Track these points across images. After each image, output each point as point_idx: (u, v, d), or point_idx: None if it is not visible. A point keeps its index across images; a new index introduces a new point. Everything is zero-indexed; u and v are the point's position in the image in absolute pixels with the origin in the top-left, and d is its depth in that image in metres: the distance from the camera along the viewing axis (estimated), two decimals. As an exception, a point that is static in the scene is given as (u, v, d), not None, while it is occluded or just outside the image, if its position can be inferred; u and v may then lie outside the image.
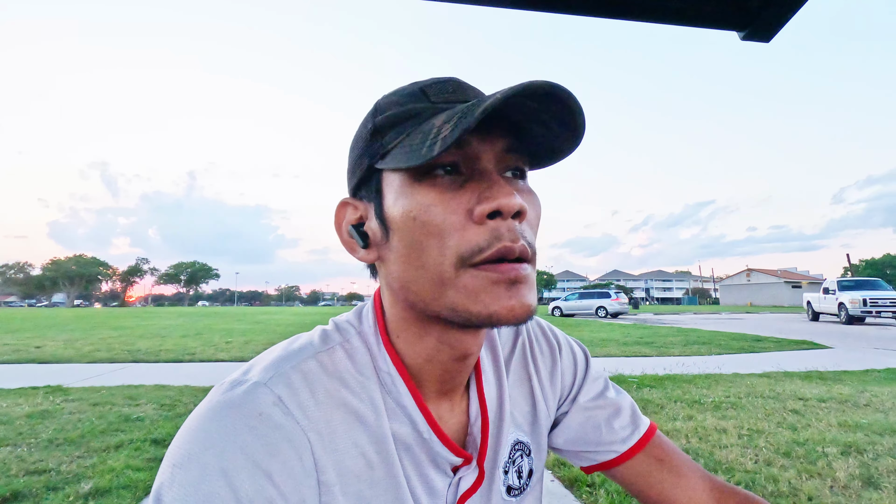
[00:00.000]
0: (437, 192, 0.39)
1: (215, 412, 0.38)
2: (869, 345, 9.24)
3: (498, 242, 0.38)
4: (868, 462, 2.81)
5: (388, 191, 0.42)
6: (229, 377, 0.42)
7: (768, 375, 5.77)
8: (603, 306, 22.45)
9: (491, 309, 0.38)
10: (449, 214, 0.38)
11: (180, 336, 11.42)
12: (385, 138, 0.42)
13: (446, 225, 0.38)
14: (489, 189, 0.38)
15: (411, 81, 0.45)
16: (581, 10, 0.87)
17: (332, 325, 0.49)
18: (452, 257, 0.38)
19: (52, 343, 9.65)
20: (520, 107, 0.37)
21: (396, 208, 0.41)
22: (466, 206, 0.39)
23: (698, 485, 0.57)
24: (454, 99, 0.42)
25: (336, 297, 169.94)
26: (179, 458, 0.36)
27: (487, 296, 0.38)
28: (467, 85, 0.44)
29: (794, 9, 0.88)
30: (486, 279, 0.38)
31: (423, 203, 0.39)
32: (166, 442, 3.22)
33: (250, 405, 0.38)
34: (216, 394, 0.40)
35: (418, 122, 0.41)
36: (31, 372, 6.20)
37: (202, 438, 0.36)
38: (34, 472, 2.66)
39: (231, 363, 7.10)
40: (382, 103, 0.44)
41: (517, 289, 0.38)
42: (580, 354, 0.63)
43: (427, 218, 0.39)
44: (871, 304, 14.78)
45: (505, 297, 0.38)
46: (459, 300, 0.39)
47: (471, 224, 0.38)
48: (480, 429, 0.50)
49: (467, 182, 0.40)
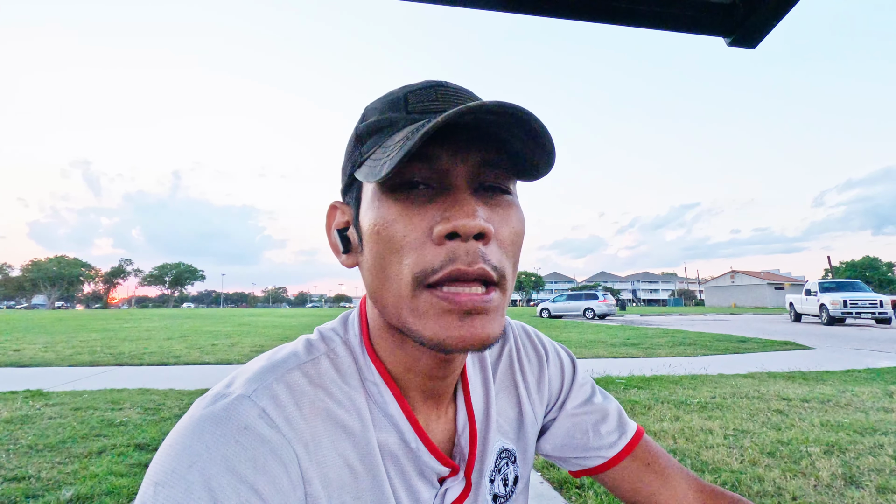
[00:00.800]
0: (401, 207, 0.38)
1: (198, 427, 0.36)
2: (849, 345, 9.43)
3: (451, 265, 0.36)
4: (850, 461, 2.86)
5: (363, 199, 0.42)
6: (211, 390, 0.41)
7: (753, 376, 5.85)
8: (591, 308, 22.64)
9: (440, 337, 0.36)
10: (410, 231, 0.37)
11: (165, 339, 11.22)
12: (364, 146, 0.42)
13: (405, 242, 0.37)
14: (451, 208, 0.37)
15: (402, 85, 0.44)
16: (570, 15, 0.88)
17: (317, 335, 0.48)
18: (408, 276, 0.37)
19: (31, 346, 9.41)
20: (493, 122, 0.36)
21: (366, 219, 0.41)
22: (429, 224, 0.37)
23: (686, 488, 0.57)
24: (434, 108, 0.40)
25: (324, 299, 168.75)
26: (162, 476, 0.34)
27: (437, 323, 0.37)
28: (456, 90, 0.42)
29: (779, 16, 0.89)
30: (439, 306, 0.36)
31: (388, 218, 0.38)
32: (150, 447, 3.16)
33: (234, 419, 0.37)
34: (198, 408, 0.39)
35: (388, 134, 0.40)
36: (10, 376, 6.03)
37: (185, 454, 0.35)
38: (13, 479, 2.59)
39: (217, 366, 6.99)
40: (368, 109, 0.44)
41: (472, 319, 0.36)
42: (567, 361, 0.63)
43: (389, 233, 0.38)
44: (851, 306, 15.13)
45: (456, 327, 0.36)
46: (412, 322, 0.38)
47: (430, 243, 0.37)
48: (468, 439, 0.50)
49: (435, 198, 0.38)
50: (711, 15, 0.92)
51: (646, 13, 0.90)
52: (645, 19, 0.90)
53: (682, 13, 0.91)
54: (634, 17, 0.90)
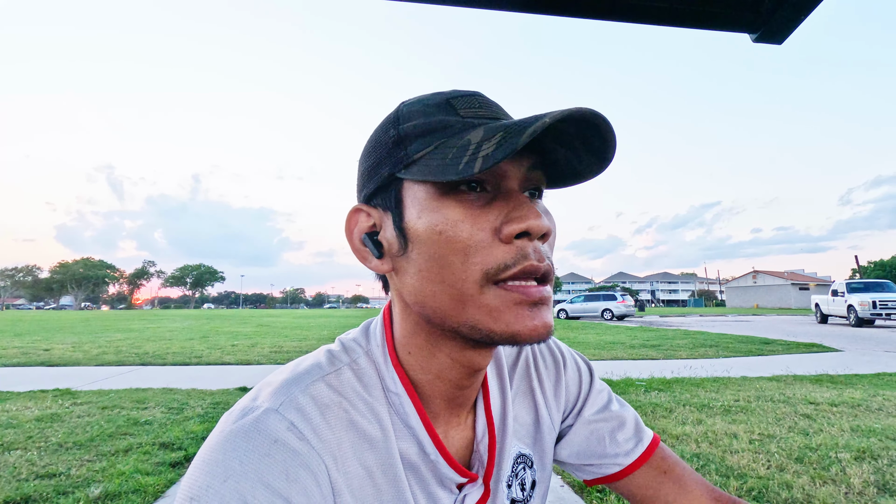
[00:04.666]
0: (464, 208, 0.39)
1: (229, 442, 0.37)
2: (879, 348, 9.12)
3: (524, 261, 0.38)
4: (883, 468, 2.77)
5: (410, 202, 0.41)
6: (238, 404, 0.41)
7: (778, 379, 5.70)
8: (609, 308, 22.34)
9: (513, 328, 0.38)
10: (477, 231, 0.38)
11: (187, 339, 11.46)
12: (410, 147, 0.41)
13: (473, 242, 0.38)
14: (518, 209, 0.39)
15: (433, 91, 0.45)
16: (592, 14, 0.87)
17: (339, 345, 0.49)
18: (477, 274, 0.38)
19: (60, 346, 9.72)
20: (551, 129, 0.37)
21: (421, 222, 0.40)
22: (493, 225, 0.39)
23: (702, 497, 0.57)
24: (483, 115, 0.41)
25: (341, 300, 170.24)
26: (197, 491, 0.35)
27: (510, 315, 0.38)
28: (491, 101, 0.44)
29: (807, 11, 0.87)
30: (509, 299, 0.38)
31: (451, 218, 0.39)
32: (175, 446, 3.23)
33: (264, 433, 0.38)
34: (228, 422, 0.39)
35: (448, 135, 0.40)
36: (40, 375, 6.24)
37: (219, 469, 0.35)
38: (44, 476, 2.67)
39: (237, 366, 7.12)
40: (407, 111, 0.43)
41: (539, 310, 0.39)
42: (584, 368, 0.63)
43: (454, 234, 0.39)
44: (880, 307, 14.60)
45: (528, 317, 0.38)
46: (481, 318, 0.39)
47: (497, 242, 0.39)
48: (487, 447, 0.50)
49: (493, 200, 0.40)
50: (737, 11, 0.90)
51: (670, 11, 0.88)
52: (669, 17, 0.89)
53: (706, 10, 0.89)
54: (658, 16, 0.88)
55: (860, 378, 5.73)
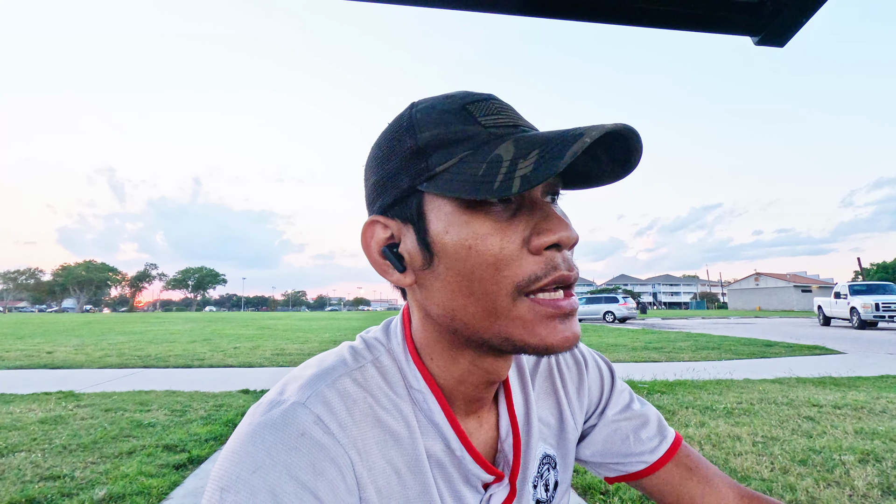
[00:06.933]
0: (492, 221, 0.39)
1: (258, 434, 0.38)
2: (882, 350, 9.08)
3: (555, 272, 0.38)
4: (887, 470, 2.76)
5: (434, 216, 0.40)
6: (265, 397, 0.42)
7: (781, 381, 5.69)
8: (611, 311, 22.29)
9: (548, 341, 0.39)
10: (507, 244, 0.38)
11: (189, 341, 11.47)
12: (431, 159, 0.40)
13: (503, 255, 0.38)
14: (546, 220, 0.39)
15: (444, 93, 0.43)
16: (598, 18, 0.88)
17: (361, 342, 0.49)
18: (509, 287, 0.38)
19: (63, 348, 9.74)
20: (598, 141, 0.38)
21: (449, 237, 0.39)
22: (522, 236, 0.39)
23: (728, 493, 0.57)
24: (502, 122, 0.40)
25: (342, 302, 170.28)
26: (227, 482, 0.35)
27: (544, 329, 0.39)
28: (507, 104, 0.42)
29: (809, 14, 0.87)
30: (543, 312, 0.38)
31: (480, 233, 0.38)
32: (178, 448, 3.23)
33: (292, 425, 0.38)
34: (255, 415, 0.40)
35: (472, 147, 0.39)
36: (43, 377, 6.26)
37: (249, 461, 0.36)
38: (49, 478, 2.68)
39: (239, 368, 7.13)
40: (421, 118, 0.41)
41: (569, 321, 0.39)
42: (605, 369, 0.63)
43: (484, 248, 0.38)
44: (883, 309, 14.56)
45: (560, 329, 0.39)
46: (514, 330, 0.39)
47: (527, 254, 0.39)
48: (512, 446, 0.50)
49: (519, 210, 0.40)
50: (738, 14, 0.90)
51: (672, 15, 0.88)
52: (671, 21, 0.89)
53: (708, 14, 0.90)
54: (661, 19, 0.89)
55: (863, 380, 5.72)
